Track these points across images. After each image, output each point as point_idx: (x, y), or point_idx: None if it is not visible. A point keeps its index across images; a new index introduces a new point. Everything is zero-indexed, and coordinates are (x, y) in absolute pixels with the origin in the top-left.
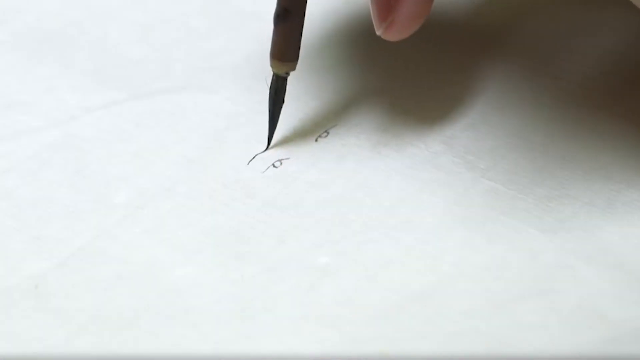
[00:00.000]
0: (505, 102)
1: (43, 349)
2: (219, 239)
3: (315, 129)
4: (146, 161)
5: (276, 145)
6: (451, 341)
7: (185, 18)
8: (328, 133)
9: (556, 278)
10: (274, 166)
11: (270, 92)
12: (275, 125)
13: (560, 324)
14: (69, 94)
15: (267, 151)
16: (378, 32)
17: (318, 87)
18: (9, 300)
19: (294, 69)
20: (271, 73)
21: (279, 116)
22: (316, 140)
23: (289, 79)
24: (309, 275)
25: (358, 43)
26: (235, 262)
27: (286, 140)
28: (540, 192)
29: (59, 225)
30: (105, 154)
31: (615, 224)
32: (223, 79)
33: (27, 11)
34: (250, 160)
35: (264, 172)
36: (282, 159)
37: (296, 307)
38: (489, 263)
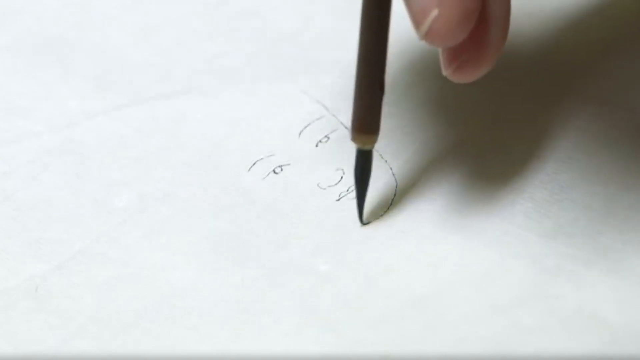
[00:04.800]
0: (504, 106)
1: (43, 350)
2: (219, 244)
3: (315, 134)
4: (147, 166)
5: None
6: (451, 345)
7: (185, 20)
8: (329, 138)
9: (556, 282)
10: (275, 172)
11: (356, 172)
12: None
13: (559, 327)
14: (70, 99)
15: (269, 157)
16: (445, 73)
17: (319, 93)
18: (9, 301)
19: (376, 140)
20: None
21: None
22: (317, 146)
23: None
24: (309, 280)
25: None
26: (236, 266)
27: (288, 145)
28: (540, 196)
29: (59, 228)
30: (105, 159)
31: (615, 228)
32: (223, 82)
33: (28, 15)
34: (251, 167)
35: (264, 178)
36: (283, 165)
37: (296, 311)
38: (488, 268)
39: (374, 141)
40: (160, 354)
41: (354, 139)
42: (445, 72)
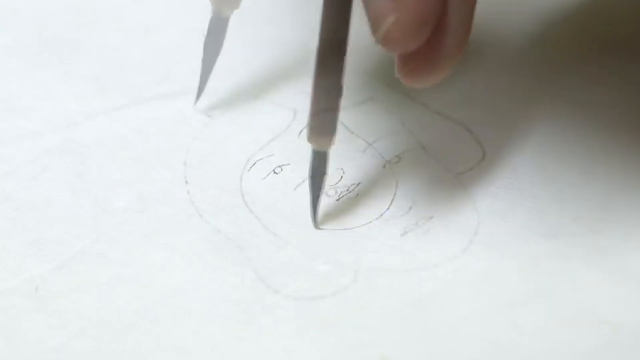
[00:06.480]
0: (502, 104)
1: (43, 351)
2: (219, 244)
3: None
4: (147, 166)
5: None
6: (451, 346)
7: (185, 20)
8: None
9: (556, 282)
10: (275, 172)
11: (310, 173)
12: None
13: (560, 328)
14: (70, 99)
15: (269, 157)
16: (398, 75)
17: None
18: (9, 302)
19: (334, 142)
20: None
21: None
22: None
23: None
24: (308, 281)
25: (359, 52)
26: (235, 267)
27: (288, 145)
28: (540, 196)
29: (59, 229)
30: (105, 159)
31: (616, 227)
32: (223, 83)
33: (28, 15)
34: (251, 167)
35: (264, 178)
36: (283, 165)
37: (296, 312)
38: (488, 268)
39: (330, 142)
40: (161, 355)
41: (309, 139)
42: (397, 75)
